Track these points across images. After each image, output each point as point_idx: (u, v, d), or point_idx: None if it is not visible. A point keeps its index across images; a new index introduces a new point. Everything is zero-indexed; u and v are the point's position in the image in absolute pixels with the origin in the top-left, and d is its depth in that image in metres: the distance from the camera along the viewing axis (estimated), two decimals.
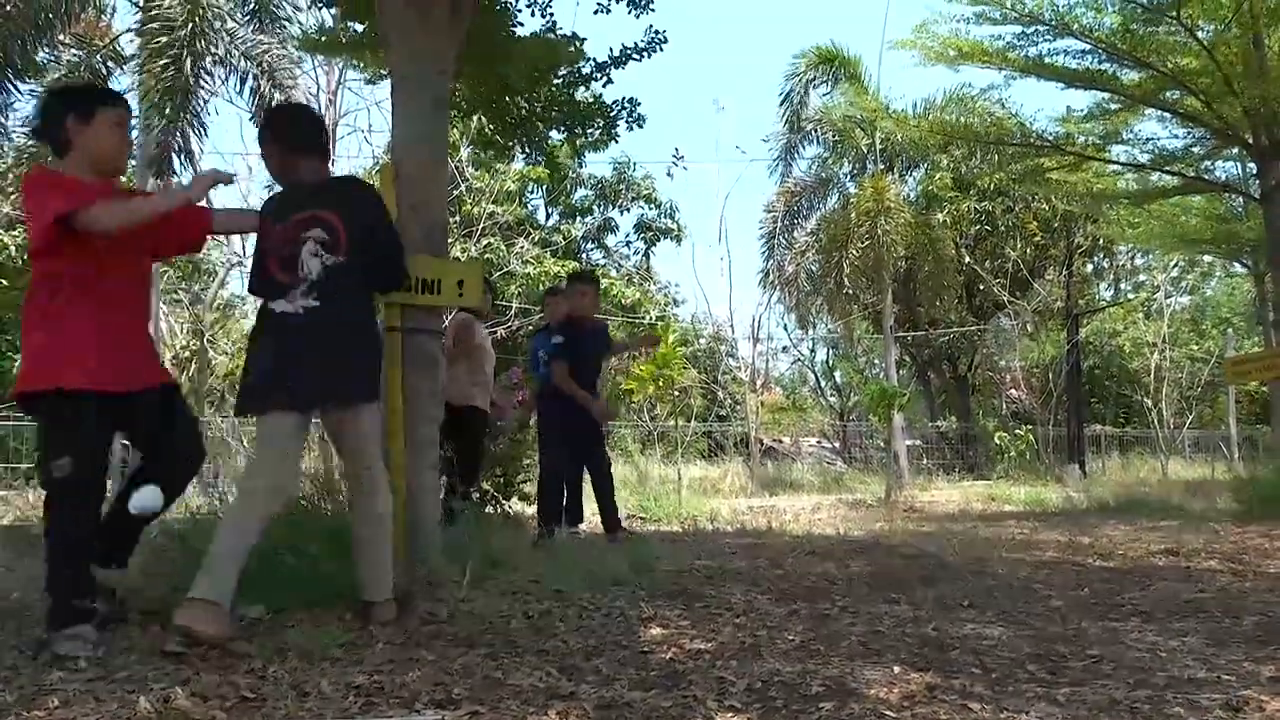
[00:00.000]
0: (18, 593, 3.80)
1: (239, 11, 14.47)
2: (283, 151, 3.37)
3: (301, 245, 3.14)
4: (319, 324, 3.10)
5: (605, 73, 6.77)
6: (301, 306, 3.10)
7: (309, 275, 3.13)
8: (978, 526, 7.75)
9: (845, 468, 20.02)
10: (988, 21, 11.23)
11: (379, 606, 3.13)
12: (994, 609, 3.67)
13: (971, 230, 21.70)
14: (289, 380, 3.07)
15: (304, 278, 3.12)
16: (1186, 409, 23.00)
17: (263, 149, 3.43)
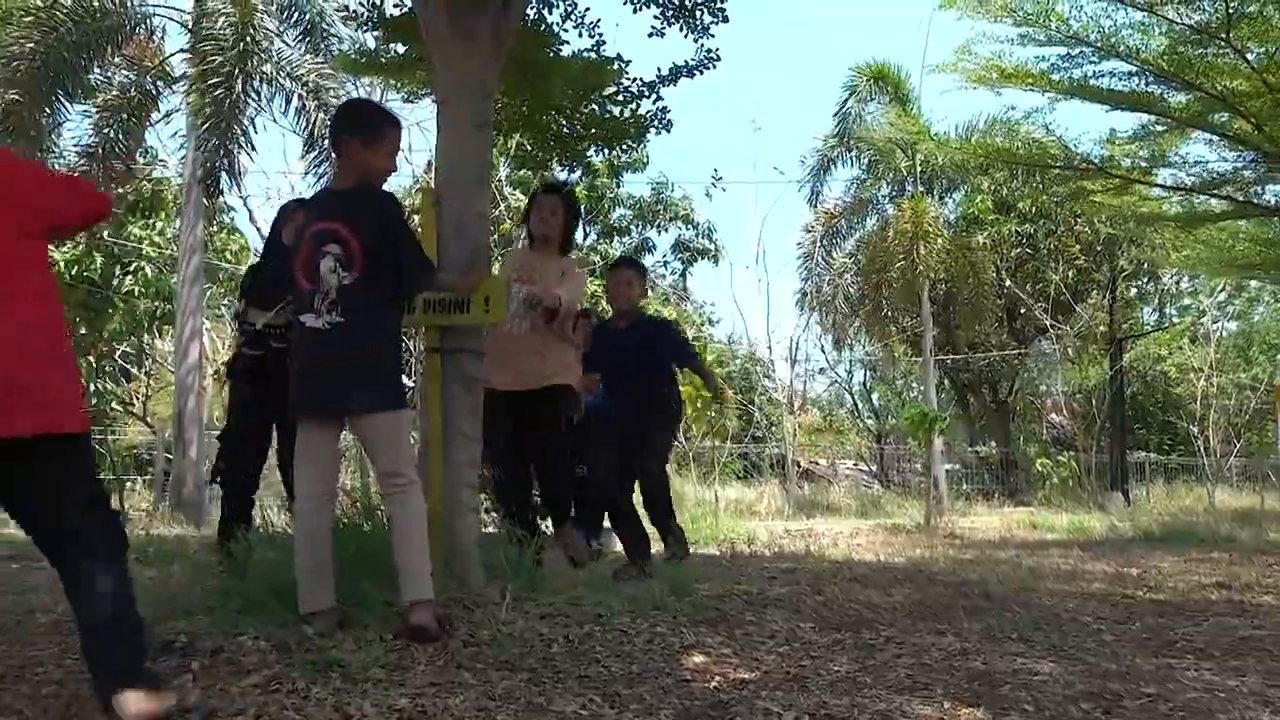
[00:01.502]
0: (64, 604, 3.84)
1: (290, 32, 14.73)
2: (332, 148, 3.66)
3: (320, 259, 3.23)
4: (342, 338, 3.21)
5: (655, 91, 6.77)
6: (327, 322, 3.21)
7: (329, 289, 3.22)
8: (1021, 555, 7.61)
9: (883, 491, 19.84)
10: (1032, 43, 11.14)
11: (416, 607, 3.12)
12: (1043, 642, 3.58)
13: (1012, 253, 21.50)
14: (317, 391, 3.26)
15: (325, 292, 3.22)
16: (1234, 436, 22.57)
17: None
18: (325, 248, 3.23)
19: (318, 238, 3.26)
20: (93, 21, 13.37)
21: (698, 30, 6.55)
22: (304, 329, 3.25)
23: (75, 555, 2.33)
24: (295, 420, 3.34)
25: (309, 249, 3.27)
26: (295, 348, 3.35)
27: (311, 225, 3.32)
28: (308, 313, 3.23)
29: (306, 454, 3.30)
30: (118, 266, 17.51)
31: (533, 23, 6.24)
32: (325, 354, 3.24)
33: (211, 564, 4.30)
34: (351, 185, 3.43)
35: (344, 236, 3.24)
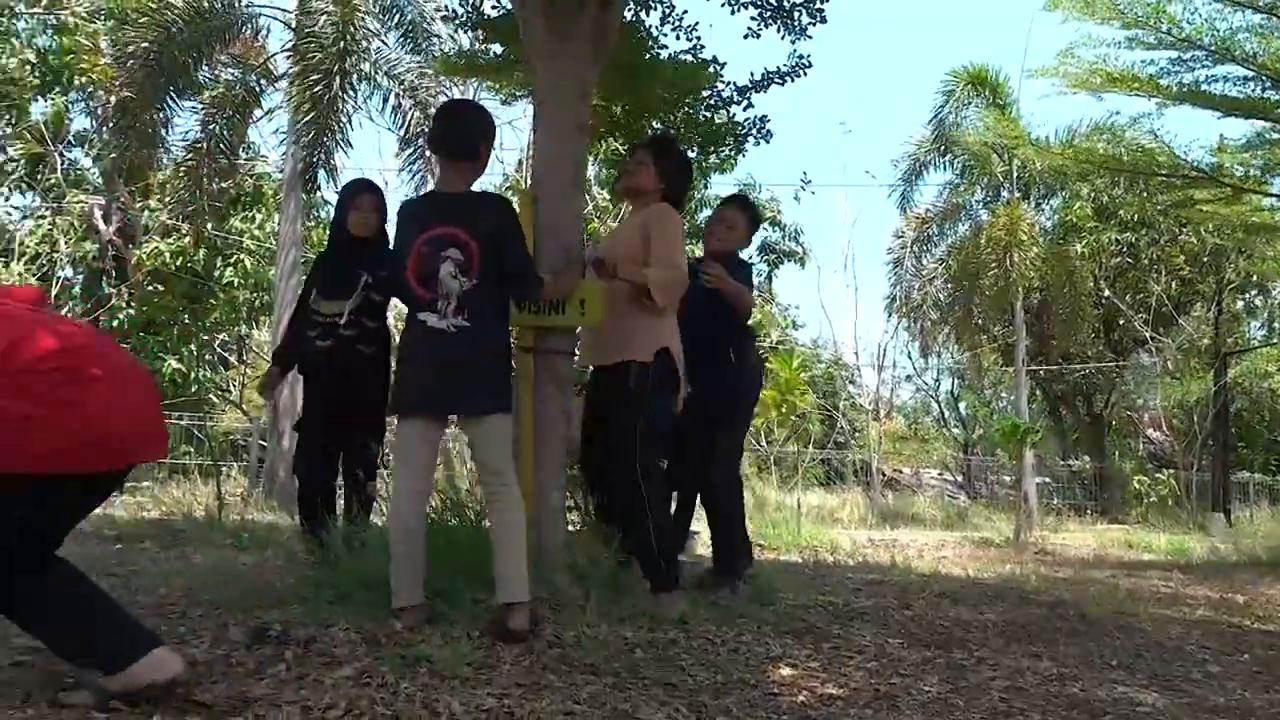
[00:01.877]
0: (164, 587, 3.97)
1: (391, 33, 15.03)
2: (433, 151, 3.60)
3: (440, 264, 3.25)
4: (468, 341, 3.25)
5: (746, 96, 6.73)
6: (453, 325, 3.24)
7: (450, 294, 3.25)
8: (1117, 576, 7.36)
9: (969, 503, 19.40)
10: (1140, 46, 10.74)
11: (514, 610, 3.14)
12: (1145, 671, 3.45)
13: (1112, 262, 20.79)
14: (438, 391, 3.26)
15: (445, 295, 3.24)
16: None
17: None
18: (445, 253, 3.25)
19: (435, 243, 3.27)
20: (203, 21, 13.81)
21: (795, 32, 6.45)
22: (426, 329, 3.25)
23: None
24: (401, 417, 3.33)
25: (426, 253, 3.27)
26: (413, 347, 3.34)
27: (428, 229, 3.31)
28: (429, 312, 3.25)
29: (409, 451, 3.31)
30: (219, 259, 18.10)
31: (631, 25, 6.25)
32: (450, 356, 3.25)
33: (304, 553, 4.39)
34: (464, 190, 3.47)
35: (463, 241, 3.27)
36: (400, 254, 3.39)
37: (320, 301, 4.54)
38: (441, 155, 3.61)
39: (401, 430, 3.33)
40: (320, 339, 4.51)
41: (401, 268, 3.35)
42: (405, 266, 3.32)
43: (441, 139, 3.55)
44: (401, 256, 3.37)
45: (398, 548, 3.23)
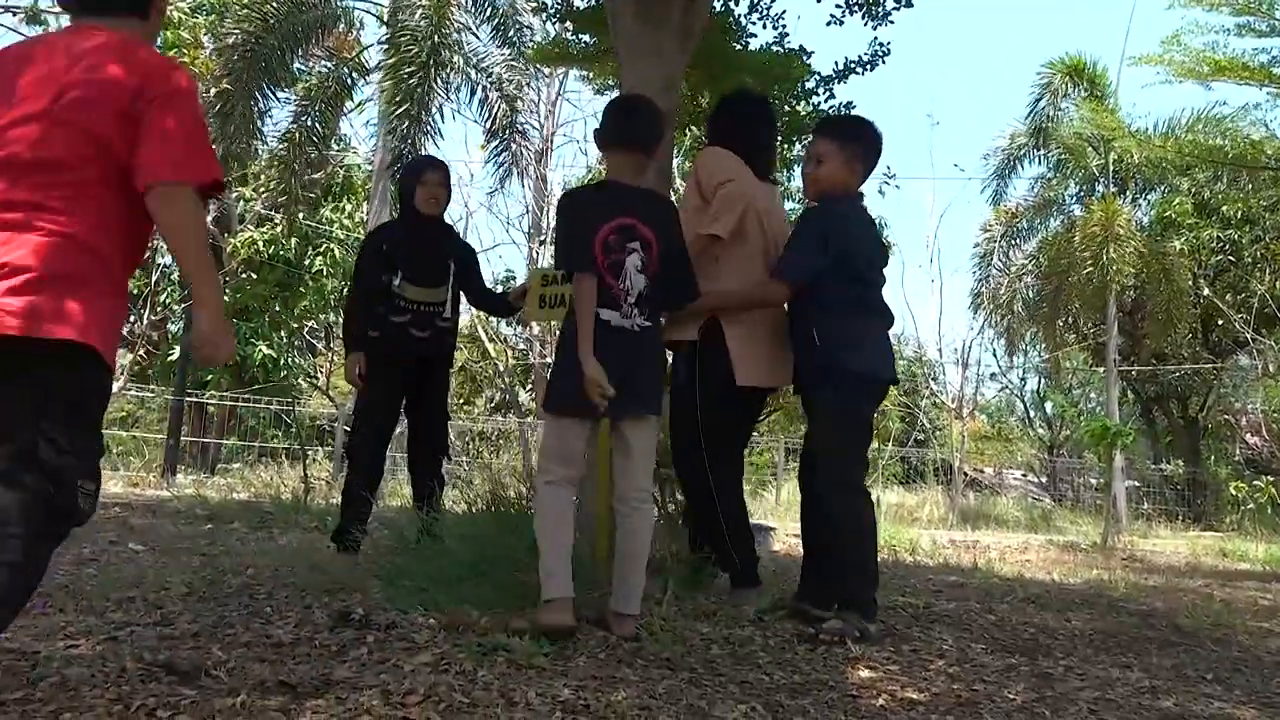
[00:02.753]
0: (252, 568, 4.08)
1: (483, 26, 15.21)
2: (601, 143, 3.46)
3: (627, 256, 3.18)
4: (648, 342, 3.26)
5: (829, 86, 6.65)
6: (636, 324, 3.20)
7: (633, 289, 3.19)
8: (1211, 585, 7.08)
9: (1053, 506, 18.90)
10: (1251, 33, 10.35)
11: (627, 621, 3.14)
12: (1243, 687, 3.30)
13: (1212, 260, 20.00)
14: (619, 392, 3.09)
15: (627, 289, 3.18)
16: None
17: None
18: (630, 244, 3.20)
19: (623, 233, 3.20)
20: (299, 14, 14.15)
21: (879, 18, 6.38)
22: (608, 327, 3.13)
23: None
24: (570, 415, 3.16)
25: (613, 240, 3.18)
26: (601, 349, 3.10)
27: (614, 218, 3.21)
28: (611, 309, 3.15)
29: (567, 447, 3.18)
30: (309, 248, 18.56)
31: (719, 15, 6.22)
32: (634, 355, 3.17)
33: (387, 539, 4.47)
34: (641, 186, 3.40)
35: (647, 238, 3.24)
36: (578, 241, 3.19)
37: (407, 287, 4.54)
38: (629, 148, 3.35)
39: (567, 428, 3.18)
40: (415, 327, 4.53)
41: (580, 247, 3.17)
42: (588, 256, 3.15)
43: (624, 131, 3.38)
44: (581, 244, 3.17)
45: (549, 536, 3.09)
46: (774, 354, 3.79)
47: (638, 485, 3.23)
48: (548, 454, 3.20)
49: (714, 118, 4.21)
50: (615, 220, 3.20)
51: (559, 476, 3.16)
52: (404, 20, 14.14)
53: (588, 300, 3.10)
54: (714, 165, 3.85)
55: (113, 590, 3.52)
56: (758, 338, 3.72)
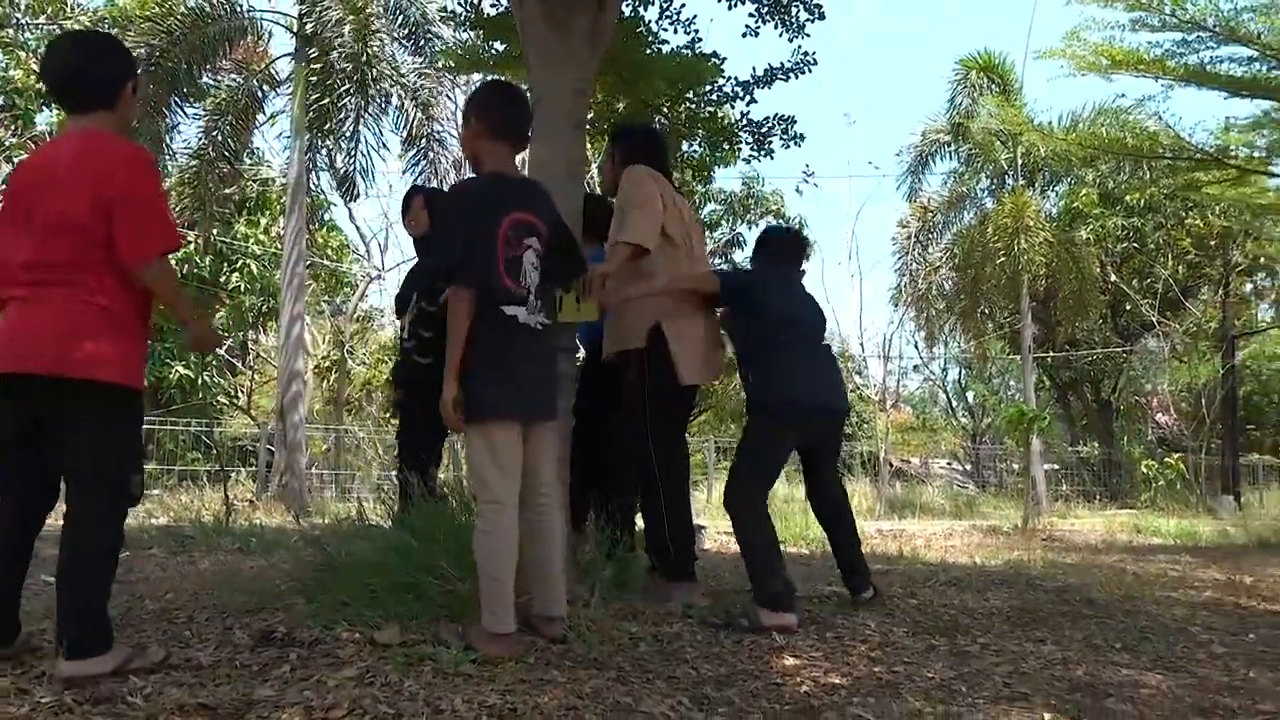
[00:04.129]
0: (171, 593, 3.99)
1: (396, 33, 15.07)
2: (482, 129, 3.20)
3: (524, 252, 3.07)
4: (551, 340, 3.19)
5: (749, 91, 6.72)
6: (539, 322, 3.09)
7: (530, 286, 3.08)
8: (1124, 560, 7.34)
9: (978, 492, 19.37)
10: (1145, 28, 10.71)
11: (555, 623, 3.12)
12: (1149, 653, 3.44)
13: (1118, 248, 20.75)
14: (539, 395, 3.10)
15: (526, 288, 3.07)
16: None
17: (463, 127, 3.33)
18: (527, 239, 3.09)
19: (519, 228, 3.07)
20: (205, 26, 13.87)
21: (793, 29, 6.45)
22: (518, 324, 3.02)
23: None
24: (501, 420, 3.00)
25: (511, 238, 3.04)
26: (508, 346, 3.02)
27: (509, 213, 3.07)
28: (518, 306, 3.03)
29: (514, 459, 3.02)
30: (224, 264, 18.16)
31: (630, 21, 6.26)
32: (543, 355, 3.15)
33: (311, 555, 4.40)
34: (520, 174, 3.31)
35: (539, 230, 3.14)
36: (476, 238, 3.01)
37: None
38: (519, 142, 3.33)
39: (503, 439, 3.00)
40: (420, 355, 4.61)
41: (485, 255, 3.00)
42: (491, 253, 3.01)
43: (522, 124, 3.29)
44: (480, 241, 3.01)
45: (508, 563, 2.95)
46: (708, 353, 4.09)
47: (546, 489, 3.17)
48: (485, 471, 2.97)
49: (628, 150, 4.34)
50: (513, 214, 3.08)
51: (503, 495, 2.97)
52: (319, 31, 13.95)
53: (462, 317, 2.96)
54: (627, 190, 4.05)
55: (24, 624, 3.40)
56: (695, 340, 4.00)
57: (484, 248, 3.01)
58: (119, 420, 2.68)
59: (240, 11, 14.59)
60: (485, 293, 2.99)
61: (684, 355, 3.93)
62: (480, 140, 3.20)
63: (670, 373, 3.91)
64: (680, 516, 4.01)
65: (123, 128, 2.83)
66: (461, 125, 3.38)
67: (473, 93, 3.49)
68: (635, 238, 3.87)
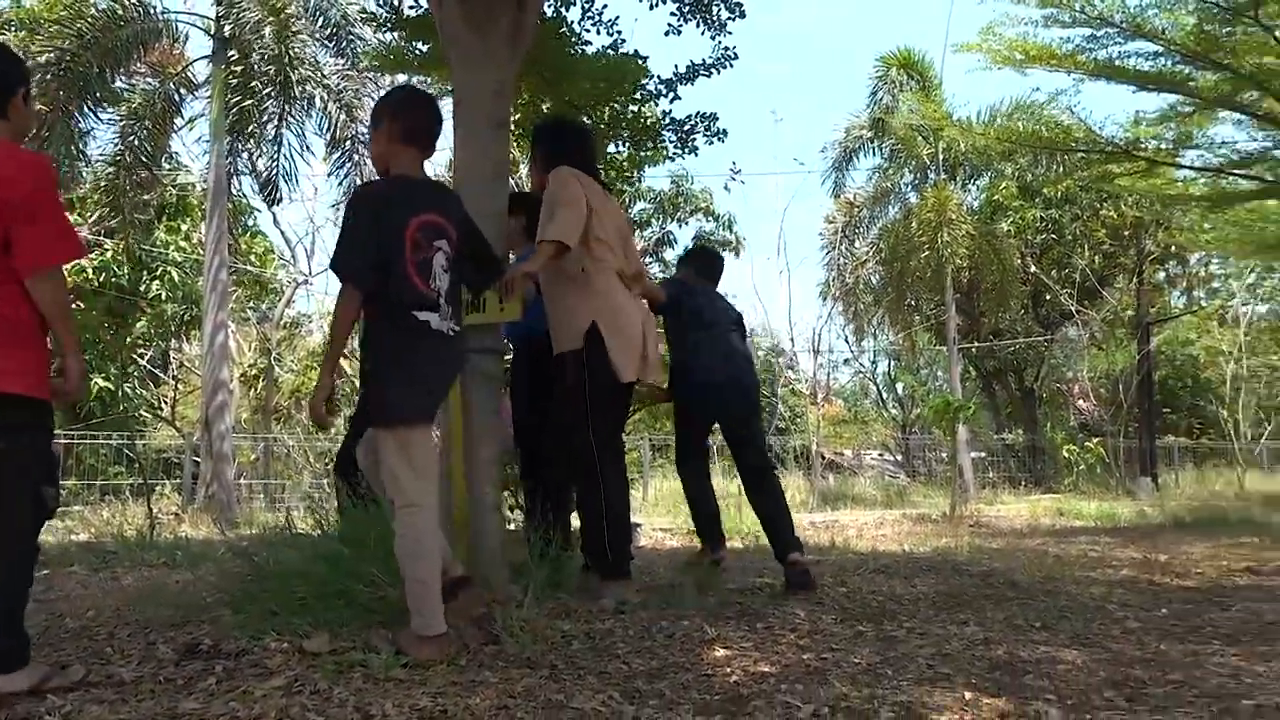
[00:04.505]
0: (92, 610, 3.90)
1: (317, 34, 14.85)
2: (392, 134, 3.19)
3: (434, 254, 3.05)
4: (459, 345, 3.18)
5: (673, 89, 6.77)
6: (451, 329, 3.09)
7: (440, 290, 3.05)
8: (1047, 543, 7.56)
9: (909, 481, 19.74)
10: (1057, 24, 11.04)
11: (400, 633, 2.98)
12: (1067, 631, 3.56)
13: (1037, 239, 21.31)
14: (440, 394, 3.14)
15: (437, 290, 3.04)
16: (1265, 419, 22.28)
17: (373, 130, 3.30)
18: (437, 241, 3.06)
19: (428, 229, 3.05)
20: (117, 29, 13.51)
21: (714, 27, 6.51)
22: (430, 330, 3.01)
23: None
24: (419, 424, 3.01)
25: (420, 240, 3.02)
26: (416, 350, 3.00)
27: (416, 214, 3.04)
28: (430, 312, 3.01)
29: (428, 460, 3.04)
30: (144, 272, 17.71)
31: (551, 21, 6.26)
32: (452, 360, 3.17)
33: (238, 566, 4.33)
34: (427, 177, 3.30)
35: (448, 232, 3.12)
36: (386, 240, 2.98)
37: None
38: (430, 149, 3.33)
39: (419, 442, 3.00)
40: None
41: (394, 257, 2.97)
42: (400, 255, 2.97)
43: (435, 131, 3.30)
44: (388, 243, 2.98)
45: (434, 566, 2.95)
46: (646, 351, 4.15)
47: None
48: (401, 474, 2.94)
49: (548, 149, 4.37)
50: (422, 216, 3.05)
51: (419, 497, 2.96)
52: (233, 33, 13.68)
53: (347, 318, 2.96)
54: (554, 190, 4.07)
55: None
56: (632, 339, 4.06)
57: (393, 250, 2.98)
58: (28, 432, 2.65)
59: (154, 13, 14.26)
60: (395, 296, 2.97)
61: (621, 354, 4.01)
62: (390, 144, 3.19)
63: (609, 371, 3.99)
64: (618, 514, 4.06)
65: (17, 135, 2.79)
66: (371, 128, 3.35)
67: (384, 96, 3.48)
68: (556, 235, 3.89)
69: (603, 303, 4.04)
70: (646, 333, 4.18)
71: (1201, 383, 24.29)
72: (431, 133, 3.27)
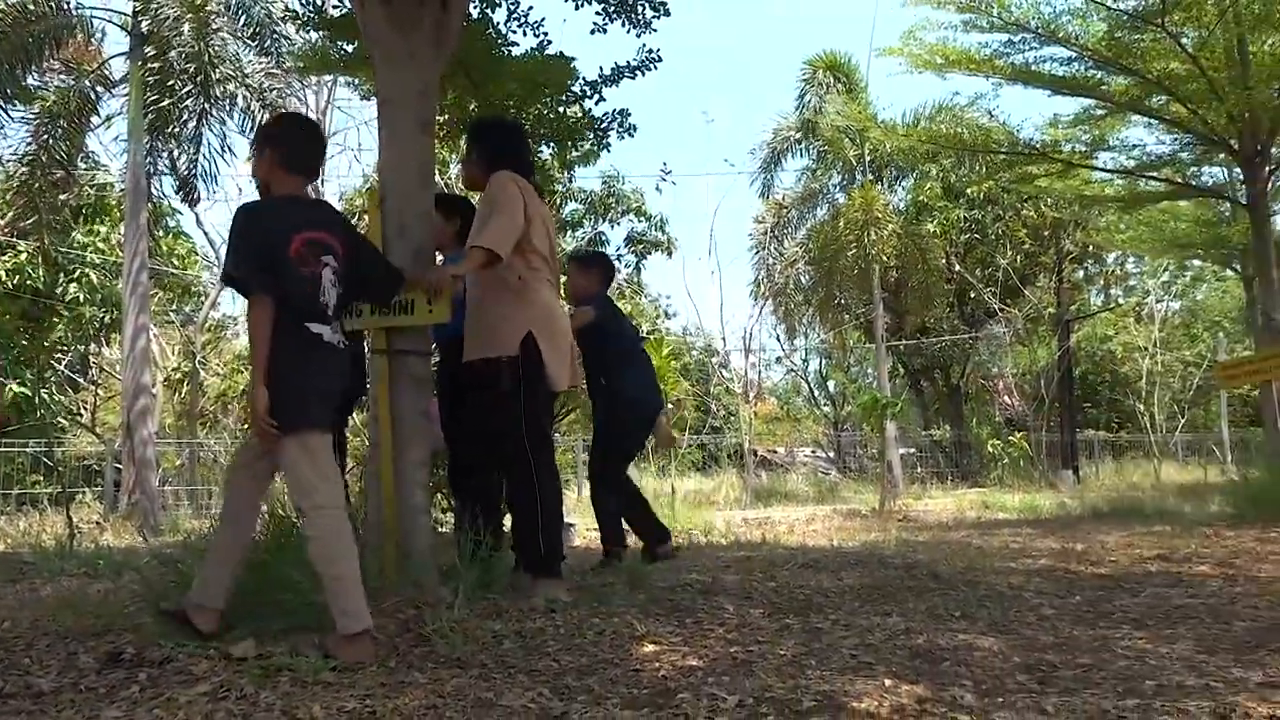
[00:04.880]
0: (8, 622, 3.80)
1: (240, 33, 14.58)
2: (275, 161, 3.26)
3: (321, 269, 3.13)
4: (347, 362, 3.27)
5: (597, 90, 6.79)
6: (341, 341, 3.20)
7: (329, 304, 3.15)
8: (971, 535, 7.76)
9: (840, 477, 20.05)
10: (975, 29, 11.35)
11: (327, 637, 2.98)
12: (985, 619, 3.68)
13: (961, 239, 21.80)
14: (331, 402, 3.19)
15: (325, 304, 3.13)
16: (1179, 413, 23.08)
17: (256, 155, 3.37)
18: (324, 257, 3.14)
19: (314, 245, 3.12)
20: (27, 24, 13.11)
21: (640, 25, 6.53)
22: (322, 342, 3.10)
23: None
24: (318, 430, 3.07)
25: (305, 255, 3.09)
26: (308, 360, 3.07)
27: (300, 231, 3.11)
28: (322, 324, 3.11)
29: (323, 464, 3.06)
30: (61, 274, 17.20)
31: (477, 22, 6.24)
32: (340, 371, 3.22)
33: (162, 574, 4.26)
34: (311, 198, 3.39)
35: (337, 250, 3.19)
36: (272, 255, 3.05)
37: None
38: (314, 176, 3.50)
39: (321, 448, 3.07)
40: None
41: (280, 270, 3.05)
42: (285, 268, 3.05)
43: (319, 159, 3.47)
44: (276, 256, 3.05)
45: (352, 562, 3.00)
46: (571, 361, 4.32)
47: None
48: (307, 479, 3.01)
49: (487, 149, 4.36)
50: (306, 232, 3.12)
51: (327, 499, 3.02)
52: (151, 30, 13.36)
53: (264, 325, 2.99)
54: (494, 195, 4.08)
55: None
56: (564, 349, 4.22)
57: (279, 264, 3.04)
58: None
59: (68, 8, 13.85)
60: (285, 307, 3.03)
61: (556, 362, 4.12)
62: (273, 171, 3.26)
63: (543, 377, 4.08)
64: (551, 513, 4.10)
65: None
66: (254, 153, 3.42)
67: (267, 122, 3.66)
68: (488, 244, 3.90)
69: (538, 312, 4.10)
70: (571, 344, 4.38)
71: (1119, 378, 25.08)
72: (314, 161, 3.40)
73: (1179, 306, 28.04)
